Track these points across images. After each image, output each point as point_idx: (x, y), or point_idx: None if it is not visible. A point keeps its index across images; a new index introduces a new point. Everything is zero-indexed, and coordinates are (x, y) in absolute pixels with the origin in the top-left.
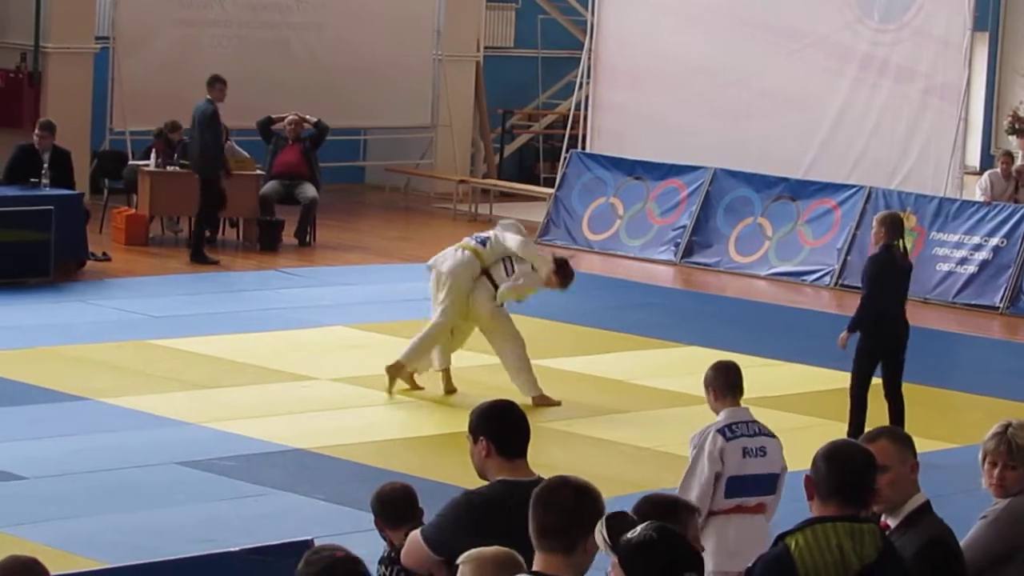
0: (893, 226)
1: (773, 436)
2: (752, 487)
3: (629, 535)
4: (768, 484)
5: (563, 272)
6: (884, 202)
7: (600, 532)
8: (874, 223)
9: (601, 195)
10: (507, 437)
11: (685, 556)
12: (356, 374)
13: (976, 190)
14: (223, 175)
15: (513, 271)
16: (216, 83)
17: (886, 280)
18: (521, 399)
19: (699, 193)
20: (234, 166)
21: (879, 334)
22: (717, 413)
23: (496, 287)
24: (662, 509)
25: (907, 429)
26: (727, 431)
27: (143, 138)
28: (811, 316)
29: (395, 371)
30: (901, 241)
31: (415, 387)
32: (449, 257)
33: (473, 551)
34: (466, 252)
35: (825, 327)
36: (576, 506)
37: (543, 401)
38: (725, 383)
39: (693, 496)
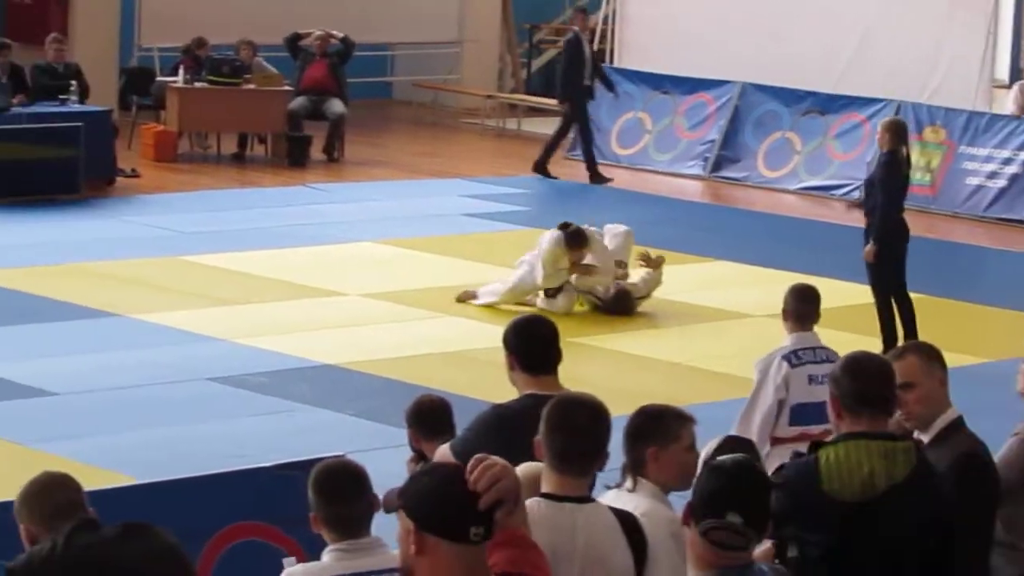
0: (898, 131)
1: None
2: (817, 415)
3: (716, 458)
4: None
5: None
6: (913, 115)
7: (706, 451)
8: (879, 129)
9: (629, 110)
10: (529, 352)
11: (739, 495)
12: (385, 289)
13: (1009, 103)
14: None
15: None
16: (577, 14)
17: (897, 185)
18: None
19: (728, 107)
20: (261, 82)
21: (891, 240)
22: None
23: None
24: (652, 416)
25: (937, 343)
26: (793, 357)
27: (171, 55)
28: (840, 230)
29: None
30: (905, 147)
31: None
32: None
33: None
34: None
35: (854, 241)
36: (594, 427)
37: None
38: (794, 311)
39: (755, 423)
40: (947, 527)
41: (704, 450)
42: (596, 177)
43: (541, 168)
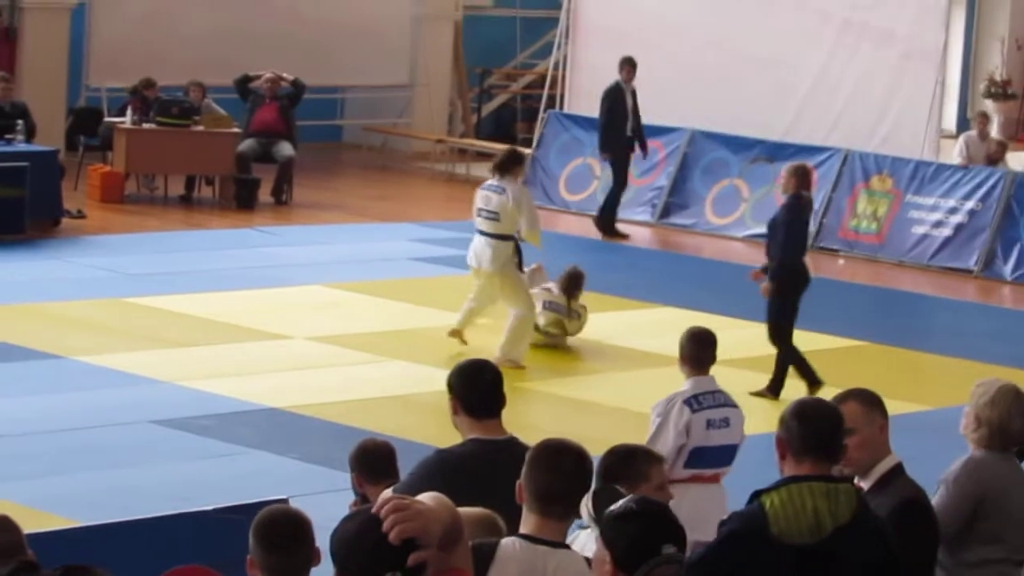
0: (802, 176)
1: (736, 406)
2: (713, 459)
3: (612, 507)
4: (728, 455)
5: None
6: (861, 165)
7: (586, 505)
8: (783, 173)
9: (578, 155)
10: (473, 397)
11: (665, 529)
12: (332, 333)
13: (955, 154)
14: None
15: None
16: (624, 65)
17: (798, 228)
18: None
19: (677, 154)
20: (210, 124)
21: (789, 281)
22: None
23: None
24: (622, 457)
25: (882, 390)
26: (694, 402)
27: (119, 95)
28: None
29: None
30: (808, 192)
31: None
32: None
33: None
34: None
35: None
36: (578, 472)
37: (508, 364)
38: (693, 356)
39: None
40: (889, 569)
41: (583, 508)
42: (610, 230)
43: (610, 230)
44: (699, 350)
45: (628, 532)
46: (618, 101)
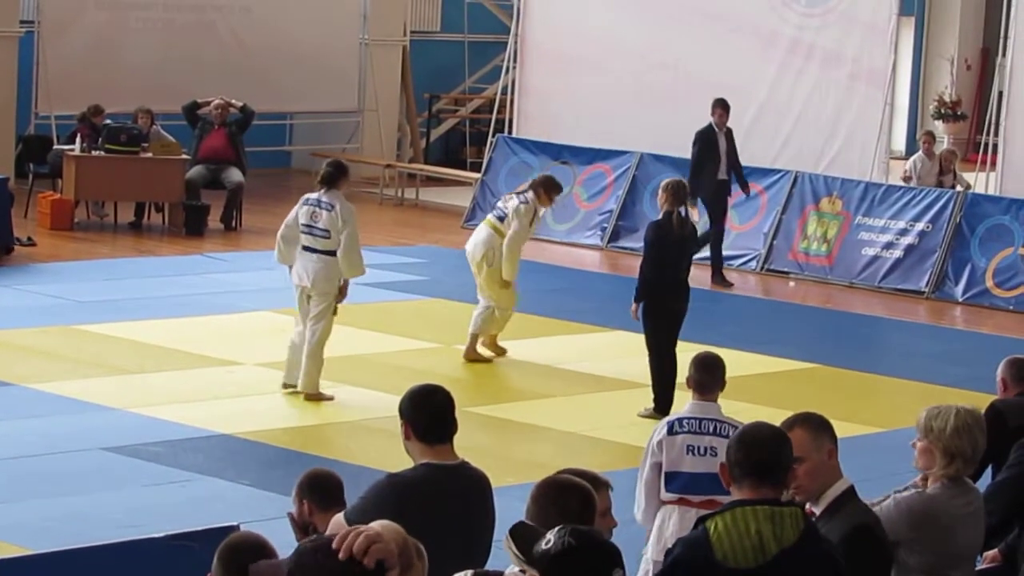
0: (676, 193)
1: None
2: (693, 485)
3: (545, 545)
4: (711, 484)
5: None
6: (810, 186)
7: (508, 547)
8: (659, 190)
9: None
10: (425, 422)
11: (608, 555)
12: (282, 359)
13: (901, 176)
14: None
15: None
16: (716, 107)
17: (664, 246)
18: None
19: (626, 177)
20: (159, 151)
21: (660, 299)
22: None
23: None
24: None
25: (833, 413)
26: (676, 424)
27: (68, 122)
28: (738, 301)
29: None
30: (683, 208)
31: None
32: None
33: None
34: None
35: (752, 311)
36: (584, 511)
37: (315, 398)
38: (695, 380)
39: (640, 481)
40: None
41: (507, 548)
42: (716, 276)
43: (716, 276)
44: (701, 374)
45: (576, 567)
46: (708, 144)
